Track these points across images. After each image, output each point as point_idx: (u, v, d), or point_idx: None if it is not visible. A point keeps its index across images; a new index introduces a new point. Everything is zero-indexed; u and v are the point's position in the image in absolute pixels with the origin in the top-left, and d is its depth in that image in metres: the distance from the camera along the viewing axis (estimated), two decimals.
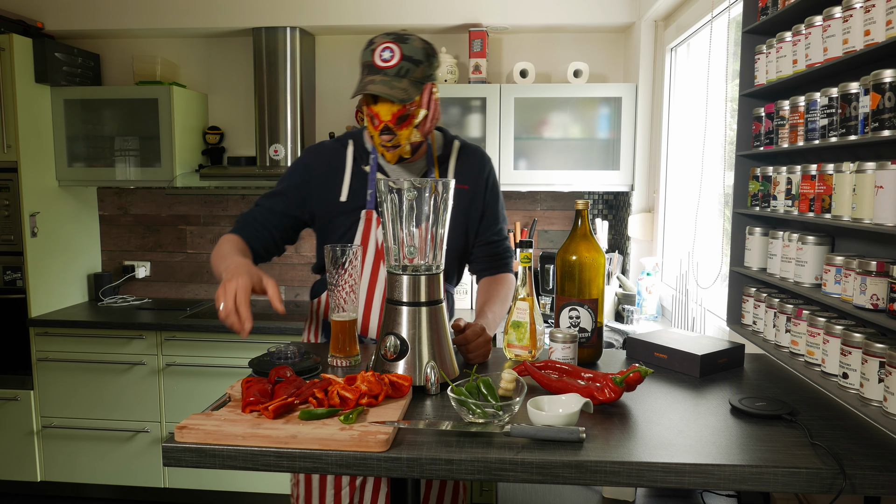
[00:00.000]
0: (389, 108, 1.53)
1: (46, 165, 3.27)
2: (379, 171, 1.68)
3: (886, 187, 1.18)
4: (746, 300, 1.76)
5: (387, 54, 1.50)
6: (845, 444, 1.06)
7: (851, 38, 1.29)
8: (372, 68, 1.52)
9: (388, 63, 1.50)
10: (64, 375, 3.17)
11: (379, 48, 1.51)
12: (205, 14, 3.26)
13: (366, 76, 1.52)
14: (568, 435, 1.04)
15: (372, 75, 1.51)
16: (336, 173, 1.68)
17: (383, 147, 1.58)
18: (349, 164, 1.68)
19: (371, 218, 1.65)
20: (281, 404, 1.12)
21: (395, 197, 1.30)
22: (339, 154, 1.69)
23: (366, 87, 1.50)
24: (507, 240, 1.85)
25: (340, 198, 1.66)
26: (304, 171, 1.69)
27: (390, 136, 1.55)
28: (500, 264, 1.83)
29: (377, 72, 1.51)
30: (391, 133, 1.55)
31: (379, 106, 1.53)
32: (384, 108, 1.53)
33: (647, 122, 3.10)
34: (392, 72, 1.51)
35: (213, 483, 3.16)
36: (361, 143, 1.71)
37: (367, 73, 1.53)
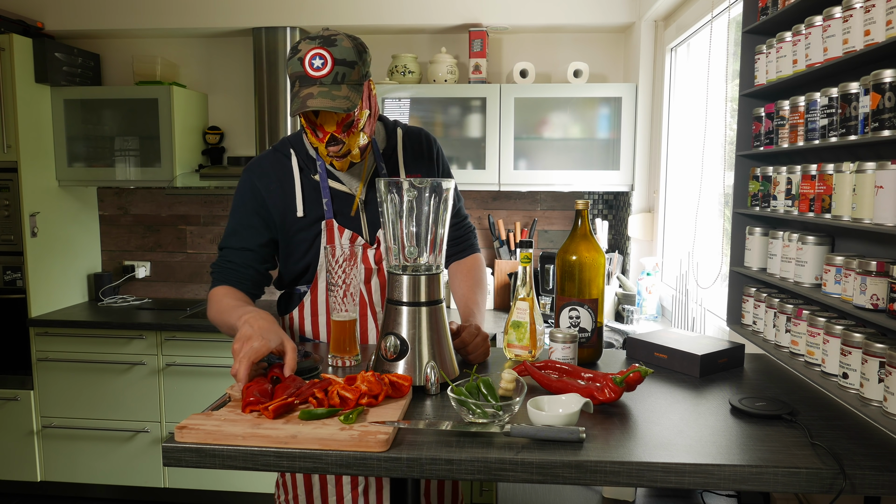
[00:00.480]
0: (333, 118, 1.46)
1: (46, 165, 3.27)
2: (329, 177, 1.60)
3: (886, 187, 1.18)
4: (746, 300, 1.76)
5: (318, 62, 1.40)
6: (845, 444, 1.06)
7: (851, 38, 1.29)
8: (305, 79, 1.41)
9: (320, 72, 1.40)
10: (64, 375, 3.17)
11: (308, 57, 1.40)
12: (205, 14, 3.26)
13: (301, 89, 1.42)
14: (568, 435, 1.04)
15: (308, 87, 1.41)
16: (286, 188, 1.58)
17: (332, 157, 1.50)
18: (297, 177, 1.58)
19: (332, 227, 1.58)
20: (281, 404, 1.12)
21: (396, 197, 1.30)
22: (284, 167, 1.59)
23: (305, 102, 1.39)
24: (467, 218, 1.82)
25: (297, 213, 1.57)
26: (255, 194, 1.58)
27: (338, 145, 1.47)
28: (466, 245, 1.80)
29: (312, 83, 1.41)
30: (339, 143, 1.47)
31: (322, 118, 1.46)
32: (328, 120, 1.46)
33: (647, 122, 3.10)
34: (328, 80, 1.41)
35: (213, 483, 3.16)
36: (304, 150, 1.61)
37: (301, 86, 1.42)
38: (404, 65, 3.22)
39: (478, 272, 1.78)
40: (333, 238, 1.59)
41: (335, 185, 1.60)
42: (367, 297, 1.63)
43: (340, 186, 1.61)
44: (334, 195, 1.60)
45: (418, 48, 3.42)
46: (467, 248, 1.81)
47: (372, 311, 1.64)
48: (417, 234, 1.31)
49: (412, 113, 3.22)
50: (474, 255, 1.81)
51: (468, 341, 1.46)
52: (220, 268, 1.59)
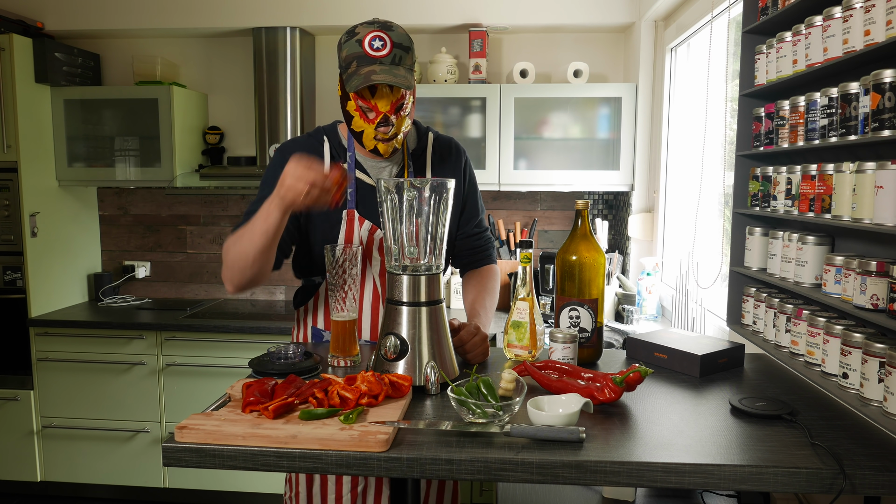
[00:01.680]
0: (389, 99, 1.48)
1: (46, 165, 3.27)
2: (357, 168, 1.63)
3: (886, 187, 1.18)
4: (746, 300, 1.76)
5: (378, 43, 1.44)
6: (845, 444, 1.06)
7: (851, 38, 1.29)
8: (365, 59, 1.45)
9: (381, 52, 1.44)
10: (64, 375, 3.17)
11: (368, 38, 1.45)
12: (205, 14, 3.26)
13: (360, 68, 1.45)
14: (568, 435, 1.04)
15: (369, 66, 1.44)
16: None
17: (378, 140, 1.51)
18: (327, 162, 1.61)
19: (353, 217, 1.60)
20: (281, 404, 1.12)
21: (395, 197, 1.30)
22: (316, 151, 1.62)
23: (369, 77, 1.42)
24: (487, 231, 1.83)
25: None
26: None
27: (389, 127, 1.49)
28: (483, 256, 1.81)
29: (373, 62, 1.44)
30: (389, 124, 1.49)
31: (377, 97, 1.48)
32: (383, 100, 1.48)
33: (647, 122, 3.10)
34: (387, 60, 1.45)
35: (213, 483, 3.16)
36: (337, 139, 1.64)
37: (359, 65, 1.45)
38: None
39: (491, 281, 1.78)
40: (353, 228, 1.61)
41: (361, 177, 1.62)
42: (381, 291, 1.64)
43: (366, 178, 1.63)
44: (359, 186, 1.62)
45: (418, 48, 3.42)
46: (485, 258, 1.81)
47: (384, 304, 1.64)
48: (417, 234, 1.31)
49: None
50: (491, 266, 1.82)
51: (466, 340, 1.46)
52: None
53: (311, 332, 1.71)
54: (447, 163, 1.71)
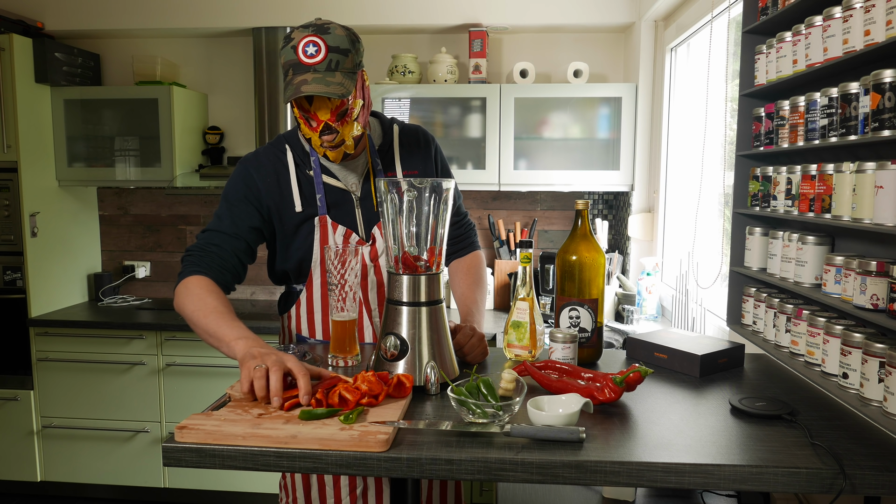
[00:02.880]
0: (328, 107, 1.44)
1: (46, 165, 3.27)
2: (324, 172, 1.59)
3: (886, 187, 1.18)
4: (746, 300, 1.76)
5: (311, 49, 1.40)
6: (845, 444, 1.06)
7: (851, 38, 1.29)
8: (299, 66, 1.40)
9: (314, 59, 1.40)
10: (64, 375, 3.16)
11: (301, 44, 1.40)
12: (205, 14, 3.26)
13: (294, 76, 1.41)
14: (568, 435, 1.04)
15: (301, 74, 1.40)
16: (283, 183, 1.57)
17: (325, 147, 1.48)
18: (293, 172, 1.57)
19: (326, 223, 1.57)
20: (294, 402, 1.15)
21: (395, 197, 1.30)
22: (280, 162, 1.58)
23: (299, 88, 1.38)
24: (466, 216, 1.80)
25: (296, 208, 1.56)
26: (250, 183, 1.56)
27: (332, 134, 1.46)
28: (467, 243, 1.78)
29: (306, 70, 1.40)
30: (333, 132, 1.46)
31: (315, 105, 1.45)
32: (322, 108, 1.45)
33: (647, 122, 3.10)
34: (322, 67, 1.40)
35: (213, 483, 3.16)
36: (299, 146, 1.60)
37: (294, 73, 1.41)
38: (404, 65, 3.22)
39: (478, 270, 1.77)
40: (327, 234, 1.58)
41: (329, 181, 1.59)
42: (363, 296, 1.61)
43: (334, 182, 1.59)
44: (328, 191, 1.59)
45: (418, 48, 3.42)
46: (468, 245, 1.79)
47: (367, 310, 1.62)
48: (417, 234, 1.31)
49: (412, 113, 3.22)
50: (475, 253, 1.80)
51: (463, 343, 1.46)
52: (201, 252, 1.51)
53: (297, 338, 1.68)
54: (416, 153, 1.67)
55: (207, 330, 1.39)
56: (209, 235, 1.54)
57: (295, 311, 1.66)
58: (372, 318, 1.63)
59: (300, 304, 1.65)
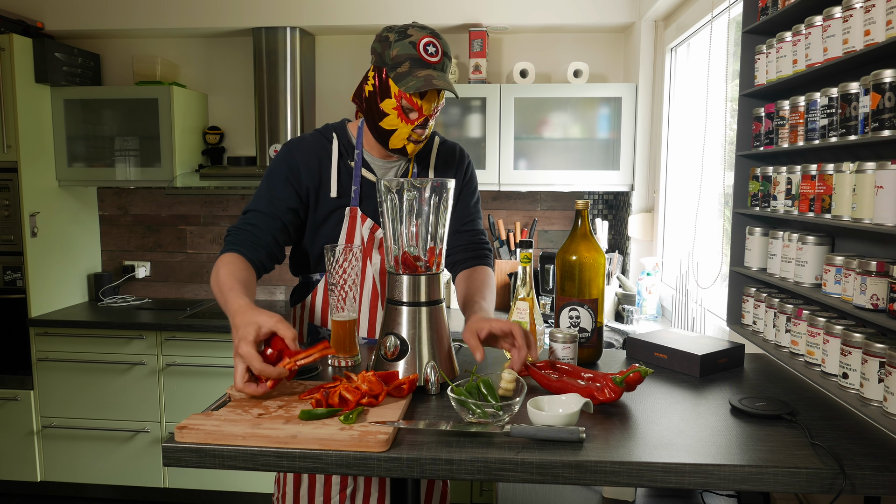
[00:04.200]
0: (433, 103, 1.52)
1: (46, 165, 3.27)
2: (363, 166, 1.64)
3: (886, 187, 1.18)
4: (746, 300, 1.76)
5: (432, 49, 1.49)
6: (845, 444, 1.06)
7: (851, 38, 1.29)
8: (420, 62, 1.49)
9: (434, 58, 1.49)
10: (64, 375, 3.17)
11: (423, 42, 1.49)
12: (205, 14, 3.26)
13: (415, 70, 1.49)
14: (568, 435, 1.04)
15: (425, 70, 1.49)
16: (324, 168, 1.63)
17: (410, 141, 1.55)
18: (335, 159, 1.63)
19: (356, 215, 1.62)
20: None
21: (395, 197, 1.30)
22: (324, 148, 1.64)
23: (430, 82, 1.46)
24: (483, 234, 1.76)
25: (331, 194, 1.62)
26: (292, 166, 1.61)
27: (424, 129, 1.54)
28: (479, 255, 1.72)
29: (429, 66, 1.49)
30: (426, 126, 1.54)
31: (425, 101, 1.51)
32: (429, 103, 1.52)
33: (647, 122, 3.10)
34: (440, 66, 1.50)
35: (213, 483, 3.16)
36: (346, 137, 1.67)
37: (413, 67, 1.49)
38: None
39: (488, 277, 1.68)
40: (355, 225, 1.63)
41: (367, 175, 1.64)
42: (380, 290, 1.65)
43: (371, 176, 1.65)
44: (363, 184, 1.64)
45: None
46: (481, 257, 1.72)
47: (383, 302, 1.65)
48: (417, 234, 1.31)
49: None
50: (486, 267, 1.72)
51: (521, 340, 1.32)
52: (239, 231, 1.56)
53: (308, 328, 1.72)
54: (450, 168, 1.72)
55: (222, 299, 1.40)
56: (248, 216, 1.58)
57: (310, 300, 1.70)
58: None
59: (317, 293, 1.69)
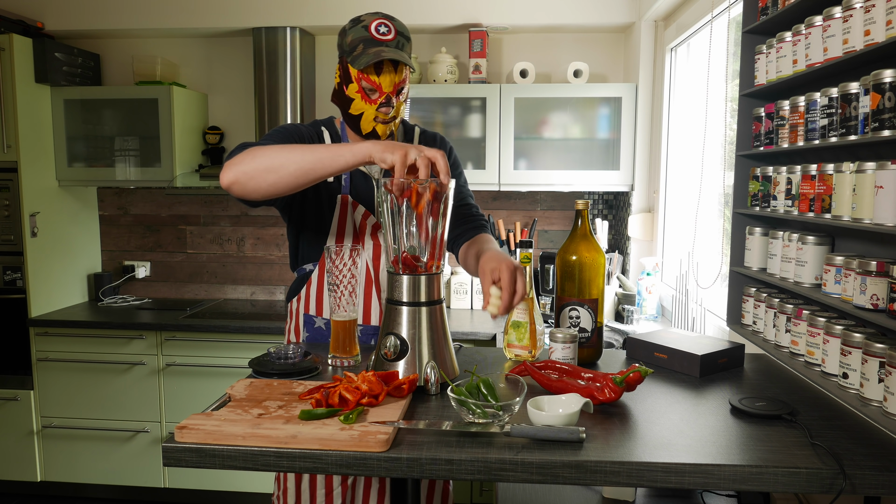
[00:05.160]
0: (392, 79, 1.54)
1: (46, 165, 3.27)
2: None
3: (886, 187, 1.18)
4: (746, 300, 1.76)
5: (384, 28, 1.52)
6: (845, 444, 1.06)
7: (851, 38, 1.29)
8: (372, 41, 1.52)
9: (387, 36, 1.52)
10: (64, 375, 3.16)
11: (374, 23, 1.52)
12: (205, 14, 3.26)
13: (367, 48, 1.52)
14: (568, 435, 1.04)
15: (377, 47, 1.51)
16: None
17: (377, 122, 1.56)
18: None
19: (347, 202, 1.65)
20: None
21: (395, 197, 1.29)
22: (318, 135, 1.68)
23: (379, 54, 1.49)
24: (477, 209, 1.79)
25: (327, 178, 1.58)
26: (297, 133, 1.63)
27: (389, 108, 1.56)
28: (477, 225, 1.74)
29: (380, 44, 1.52)
30: (390, 105, 1.56)
31: (382, 77, 1.53)
32: (387, 79, 1.54)
33: (647, 122, 3.10)
34: (393, 44, 1.53)
35: (213, 483, 3.16)
36: (334, 130, 1.70)
37: (368, 46, 1.52)
38: None
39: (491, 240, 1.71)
40: (346, 211, 1.64)
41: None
42: (374, 275, 1.67)
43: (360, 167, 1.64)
44: (353, 173, 1.67)
45: (418, 48, 3.42)
46: (479, 227, 1.74)
47: (377, 288, 1.67)
48: (417, 234, 1.31)
49: (412, 113, 3.22)
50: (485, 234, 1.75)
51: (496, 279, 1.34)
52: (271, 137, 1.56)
53: (303, 319, 1.72)
54: None
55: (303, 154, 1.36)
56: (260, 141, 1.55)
57: (305, 291, 1.71)
58: (381, 299, 1.68)
59: (311, 283, 1.70)
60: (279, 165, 1.36)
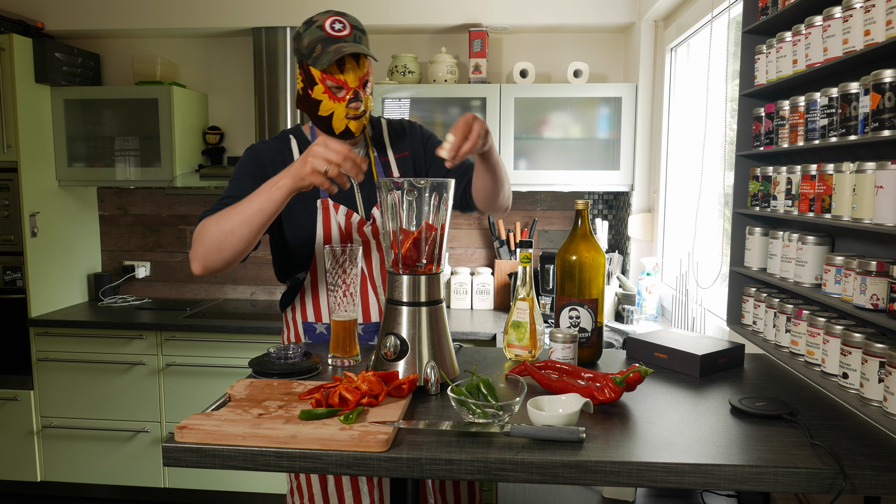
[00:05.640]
0: (356, 73, 1.52)
1: (46, 165, 3.27)
2: None
3: (886, 187, 1.18)
4: (746, 300, 1.76)
5: (338, 25, 1.51)
6: (845, 444, 1.06)
7: (851, 38, 1.29)
8: (330, 39, 1.50)
9: (343, 32, 1.50)
10: (64, 375, 3.16)
11: (328, 21, 1.51)
12: (205, 14, 3.26)
13: (327, 46, 1.50)
14: (568, 435, 1.04)
15: (336, 44, 1.50)
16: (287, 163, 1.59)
17: (349, 119, 1.55)
18: (297, 156, 1.64)
19: (328, 206, 1.64)
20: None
21: (395, 197, 1.30)
22: (285, 150, 1.66)
23: (340, 50, 1.47)
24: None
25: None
26: (260, 165, 1.62)
27: (358, 102, 1.54)
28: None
29: (338, 40, 1.50)
30: (359, 99, 1.54)
31: (346, 73, 1.52)
32: (351, 75, 1.52)
33: (647, 122, 3.10)
34: (350, 38, 1.51)
35: (213, 483, 3.16)
36: (303, 137, 1.69)
37: (325, 45, 1.50)
38: (404, 65, 3.22)
39: None
40: (329, 215, 1.63)
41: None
42: (368, 272, 1.66)
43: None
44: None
45: (418, 48, 3.42)
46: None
47: (372, 285, 1.67)
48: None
49: (412, 113, 3.22)
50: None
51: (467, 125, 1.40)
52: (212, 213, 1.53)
53: (303, 327, 1.71)
54: (404, 138, 1.75)
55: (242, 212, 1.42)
56: (221, 202, 1.55)
57: (300, 300, 1.70)
58: (378, 293, 1.68)
59: (304, 291, 1.69)
60: (227, 234, 1.43)
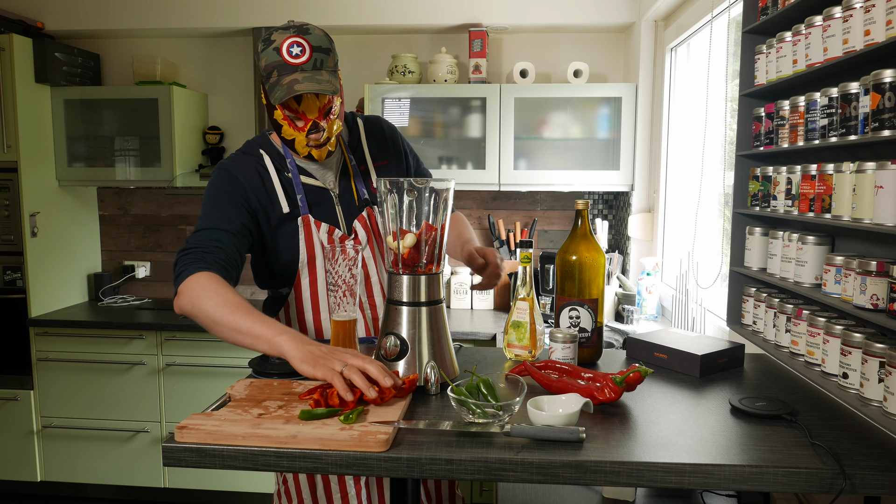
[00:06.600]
0: (316, 104, 1.46)
1: (46, 165, 3.27)
2: (301, 173, 1.59)
3: (886, 187, 1.18)
4: (746, 300, 1.76)
5: (296, 49, 1.41)
6: (845, 444, 1.06)
7: (851, 38, 1.29)
8: (285, 67, 1.41)
9: (300, 59, 1.41)
10: (64, 375, 3.17)
11: (285, 45, 1.41)
12: (205, 14, 3.26)
13: (281, 77, 1.42)
14: (568, 435, 1.04)
15: (290, 75, 1.42)
16: (268, 185, 1.55)
17: (311, 147, 1.49)
18: (274, 174, 1.56)
19: (309, 222, 1.56)
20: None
21: (395, 197, 1.30)
22: (260, 165, 1.57)
23: (292, 88, 1.40)
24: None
25: (283, 210, 1.55)
26: (237, 186, 1.53)
27: (319, 133, 1.48)
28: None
29: (293, 70, 1.41)
30: (320, 130, 1.48)
31: (304, 105, 1.46)
32: (311, 106, 1.46)
33: (647, 122, 3.10)
34: (308, 66, 1.42)
35: (213, 483, 3.16)
36: (273, 149, 1.60)
37: (280, 74, 1.42)
38: (404, 65, 3.22)
39: (464, 220, 1.76)
40: (311, 233, 1.57)
41: (307, 181, 1.60)
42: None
43: (312, 181, 1.60)
44: (308, 190, 1.59)
45: (418, 48, 3.42)
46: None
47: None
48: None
49: (412, 113, 3.22)
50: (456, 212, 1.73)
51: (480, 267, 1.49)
52: (202, 249, 1.44)
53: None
54: (384, 146, 1.70)
55: (238, 328, 1.30)
56: (206, 233, 1.48)
57: (284, 314, 1.65)
58: (363, 308, 1.63)
59: (289, 306, 1.63)
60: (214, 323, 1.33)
